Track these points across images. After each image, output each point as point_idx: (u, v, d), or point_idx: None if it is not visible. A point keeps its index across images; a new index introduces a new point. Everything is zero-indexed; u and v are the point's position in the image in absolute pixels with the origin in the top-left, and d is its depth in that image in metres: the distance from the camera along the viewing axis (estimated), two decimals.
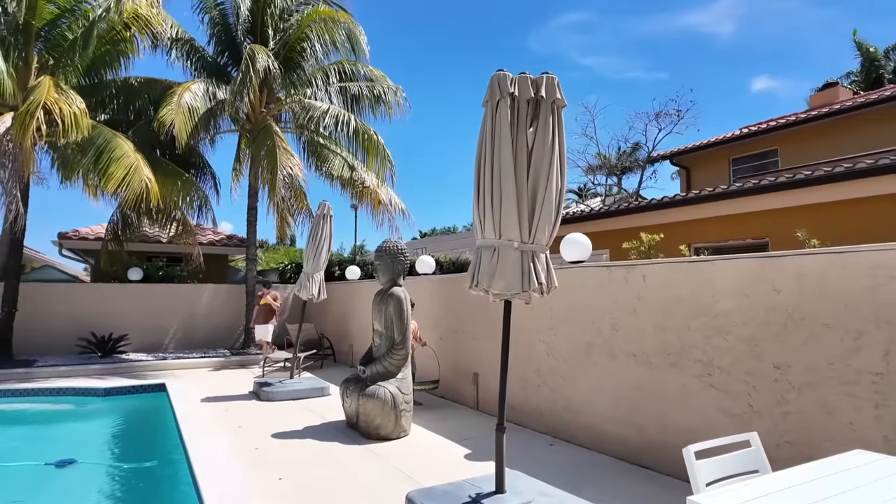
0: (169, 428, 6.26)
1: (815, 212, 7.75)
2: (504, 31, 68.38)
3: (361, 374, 5.84)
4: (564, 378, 5.36)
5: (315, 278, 7.89)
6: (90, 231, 13.93)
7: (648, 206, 9.82)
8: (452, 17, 71.92)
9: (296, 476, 4.39)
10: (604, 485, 4.20)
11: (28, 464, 5.23)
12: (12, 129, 7.96)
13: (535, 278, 3.30)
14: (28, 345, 10.34)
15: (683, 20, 44.10)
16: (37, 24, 9.28)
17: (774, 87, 46.12)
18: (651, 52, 48.91)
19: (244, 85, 9.90)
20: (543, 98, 3.40)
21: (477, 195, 3.47)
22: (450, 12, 70.57)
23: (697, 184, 15.87)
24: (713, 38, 44.81)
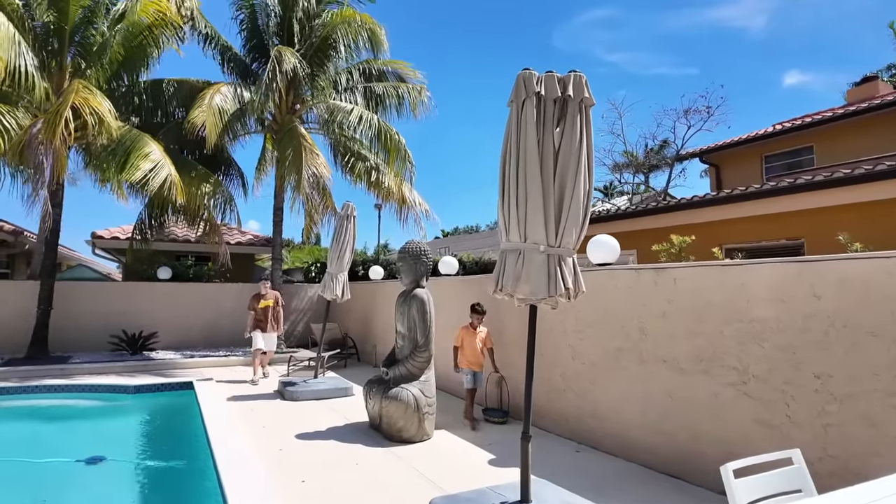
0: (196, 426, 6.33)
1: (854, 211, 7.43)
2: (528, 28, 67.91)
3: (384, 376, 5.81)
4: (591, 383, 5.23)
5: (339, 279, 7.92)
6: (122, 231, 14.27)
7: (678, 206, 9.56)
8: (476, 16, 71.73)
9: (318, 478, 4.38)
10: (632, 494, 4.08)
11: (59, 460, 5.35)
12: (41, 129, 8.16)
13: (562, 283, 3.20)
14: (63, 341, 10.64)
15: (712, 15, 43.09)
16: (68, 27, 9.51)
17: (807, 81, 44.73)
18: (679, 48, 47.95)
19: (270, 86, 9.98)
20: (571, 97, 3.30)
21: (502, 197, 3.40)
22: (473, 11, 70.40)
23: (728, 182, 15.43)
24: (743, 33, 43.66)
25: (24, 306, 10.36)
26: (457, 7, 72.37)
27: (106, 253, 15.30)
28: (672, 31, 45.11)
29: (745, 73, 45.11)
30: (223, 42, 12.21)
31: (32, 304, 10.08)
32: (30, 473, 5.03)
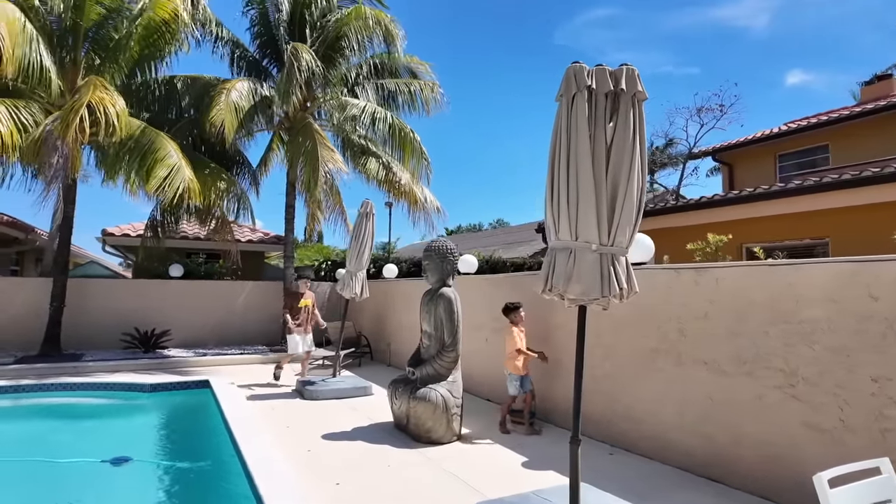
0: (217, 426, 6.26)
1: (883, 210, 7.32)
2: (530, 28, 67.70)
3: (410, 376, 5.72)
4: (625, 384, 5.14)
5: (358, 277, 7.83)
6: (132, 228, 14.20)
7: (698, 205, 9.46)
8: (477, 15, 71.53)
9: (352, 480, 4.29)
10: (673, 498, 3.99)
11: (84, 461, 5.26)
12: (56, 125, 8.08)
13: (616, 283, 3.11)
14: (75, 339, 10.57)
15: (714, 14, 42.95)
16: (84, 24, 9.42)
17: (809, 81, 44.60)
18: (680, 47, 47.81)
19: (290, 84, 9.86)
20: (623, 91, 3.19)
21: (550, 194, 3.29)
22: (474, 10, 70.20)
23: (740, 181, 15.32)
24: (745, 32, 43.53)
25: (36, 303, 10.29)
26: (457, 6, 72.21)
27: (116, 250, 15.24)
28: (673, 31, 45.04)
29: (747, 72, 45.08)
30: (233, 39, 12.12)
31: (44, 301, 10.01)
32: (55, 474, 4.95)
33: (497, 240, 26.59)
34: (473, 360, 7.33)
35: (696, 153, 18.04)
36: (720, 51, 46.66)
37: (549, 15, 63.12)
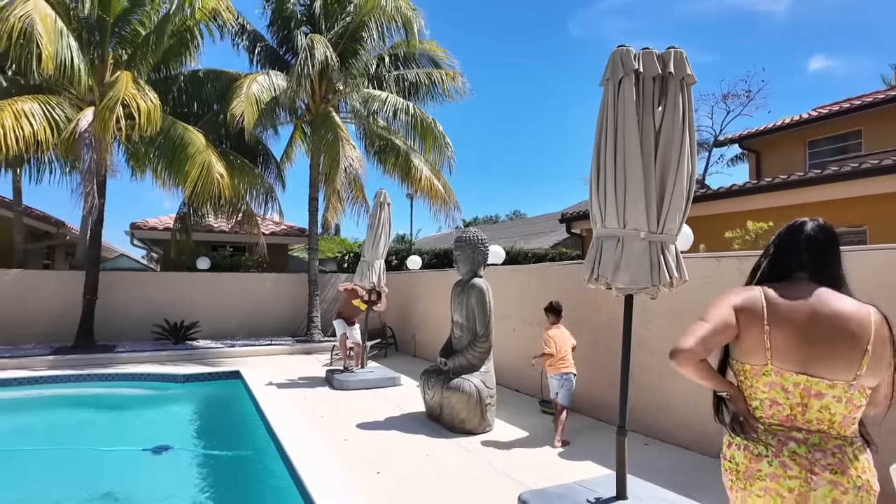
0: (250, 415, 6.35)
1: None
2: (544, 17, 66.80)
3: (443, 367, 5.72)
4: (661, 375, 5.08)
5: (375, 266, 7.82)
6: (159, 222, 14.42)
7: (730, 193, 9.27)
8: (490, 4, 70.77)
9: (393, 470, 4.31)
10: (719, 489, 3.92)
11: (125, 449, 5.38)
12: (93, 124, 8.21)
13: (667, 271, 3.05)
14: (107, 331, 10.80)
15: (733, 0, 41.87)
16: (111, 19, 9.52)
17: (833, 66, 43.33)
18: (698, 34, 46.78)
19: (302, 75, 9.89)
20: (672, 74, 3.12)
21: (596, 181, 3.24)
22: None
23: (768, 169, 14.97)
24: (766, 18, 42.40)
25: (70, 296, 10.52)
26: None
27: (143, 244, 15.50)
28: (690, 18, 44.06)
29: (768, 58, 43.94)
30: (254, 32, 12.15)
31: (77, 294, 10.22)
32: (98, 462, 5.07)
33: (516, 231, 26.44)
34: (501, 350, 7.30)
35: (723, 140, 17.66)
36: (740, 37, 45.61)
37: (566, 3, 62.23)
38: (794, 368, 1.68)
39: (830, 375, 1.64)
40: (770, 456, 1.68)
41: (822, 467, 1.62)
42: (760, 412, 1.76)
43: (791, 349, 1.68)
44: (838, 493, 1.58)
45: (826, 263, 1.79)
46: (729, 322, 1.75)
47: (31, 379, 7.91)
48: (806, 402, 1.67)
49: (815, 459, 1.63)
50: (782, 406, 1.70)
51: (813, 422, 1.67)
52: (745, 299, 1.77)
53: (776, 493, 1.64)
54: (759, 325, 1.71)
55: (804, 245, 1.82)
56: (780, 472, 1.65)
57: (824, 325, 1.65)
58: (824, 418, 1.66)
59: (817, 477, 1.61)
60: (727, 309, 1.77)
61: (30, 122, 8.07)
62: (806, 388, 1.67)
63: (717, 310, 1.78)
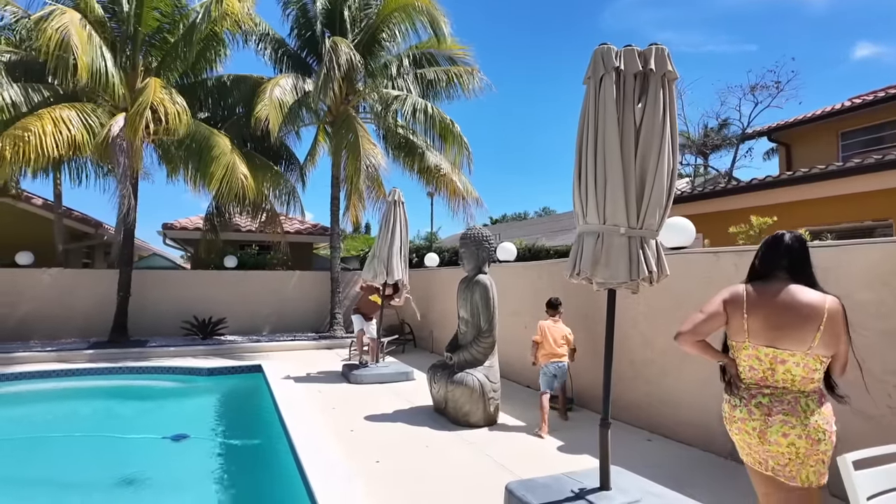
0: (268, 407, 6.61)
1: None
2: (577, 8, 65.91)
3: (448, 361, 5.84)
4: (664, 370, 5.07)
5: (394, 264, 7.92)
6: (189, 222, 15.00)
7: (749, 187, 9.08)
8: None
9: (392, 459, 4.47)
10: (713, 485, 3.93)
11: (147, 437, 5.70)
12: (125, 129, 8.65)
13: (645, 266, 3.09)
14: (140, 326, 11.32)
15: None
16: (143, 30, 9.97)
17: (880, 53, 41.31)
18: (733, 24, 45.35)
19: (328, 79, 10.11)
20: (653, 71, 3.15)
21: (578, 178, 3.30)
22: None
23: (799, 161, 14.50)
24: (803, 5, 40.75)
25: (105, 293, 11.09)
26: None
27: (175, 243, 16.13)
28: (725, 7, 42.69)
29: (808, 47, 42.21)
30: (276, 37, 12.46)
31: (112, 292, 10.77)
32: (122, 448, 5.40)
33: (542, 227, 26.28)
34: (511, 346, 7.38)
35: (750, 133, 17.16)
36: (777, 26, 43.96)
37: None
38: (764, 343, 2.28)
39: (791, 347, 2.22)
40: (741, 406, 2.34)
41: (776, 411, 2.23)
42: (744, 375, 2.37)
43: (762, 330, 2.28)
44: (787, 428, 2.19)
45: (799, 265, 2.34)
46: (718, 311, 2.40)
47: (67, 371, 8.42)
48: (774, 367, 2.27)
49: (773, 406, 2.24)
50: (757, 370, 2.32)
51: (779, 381, 2.26)
52: (731, 294, 2.40)
53: (744, 431, 2.31)
54: (740, 312, 2.34)
55: (783, 252, 2.37)
56: (746, 416, 2.31)
57: (786, 312, 2.24)
58: (787, 378, 2.25)
59: (772, 418, 2.22)
60: (718, 303, 2.41)
61: (68, 128, 8.56)
62: (773, 357, 2.26)
63: (710, 303, 2.43)
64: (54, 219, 12.69)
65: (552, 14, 73.87)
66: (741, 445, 2.38)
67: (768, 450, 2.23)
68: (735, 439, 2.41)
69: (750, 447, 2.31)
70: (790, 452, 2.18)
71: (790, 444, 2.17)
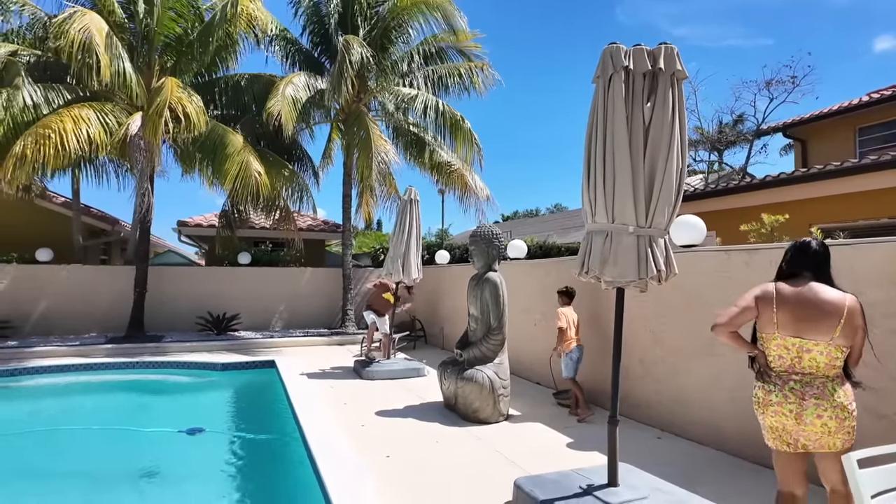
0: (281, 401, 6.72)
1: None
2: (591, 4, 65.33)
3: (458, 358, 5.89)
4: (674, 369, 5.07)
5: (410, 262, 8.00)
6: (204, 219, 15.20)
7: (762, 184, 8.99)
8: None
9: (402, 454, 4.53)
10: (722, 483, 3.94)
11: (163, 430, 5.83)
12: (144, 129, 8.80)
13: (654, 265, 3.11)
14: (155, 322, 11.52)
15: None
16: (159, 30, 10.11)
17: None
18: (750, 18, 44.65)
19: (341, 77, 10.16)
20: (662, 70, 3.16)
21: (587, 177, 3.32)
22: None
23: (815, 158, 14.30)
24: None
25: (122, 289, 11.30)
26: None
27: (190, 240, 16.36)
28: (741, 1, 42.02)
29: (828, 40, 41.42)
30: (287, 35, 12.51)
31: (129, 288, 10.97)
32: (140, 441, 5.53)
33: (553, 224, 26.18)
34: (521, 343, 7.41)
35: (765, 129, 16.94)
36: (795, 19, 43.22)
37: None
38: (791, 334, 2.57)
39: (815, 338, 2.52)
40: (776, 391, 2.61)
41: (809, 395, 2.51)
42: (773, 363, 2.66)
43: (789, 323, 2.58)
44: (820, 410, 2.48)
45: (822, 267, 2.66)
46: (750, 306, 2.67)
47: (86, 365, 8.62)
48: (800, 355, 2.56)
49: (805, 391, 2.53)
50: (785, 358, 2.61)
51: (806, 367, 2.56)
52: (762, 291, 2.68)
53: (781, 413, 2.57)
54: (770, 308, 2.63)
55: (811, 256, 2.69)
56: (782, 400, 2.58)
57: (811, 307, 2.54)
58: (813, 365, 2.54)
59: (806, 401, 2.51)
60: (750, 298, 2.68)
61: (87, 127, 8.72)
62: (800, 347, 2.56)
63: (743, 299, 2.69)
64: (73, 216, 12.94)
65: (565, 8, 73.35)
66: (774, 427, 2.62)
67: (803, 430, 2.52)
68: (768, 422, 2.64)
69: (784, 428, 2.58)
70: (823, 430, 2.47)
71: (823, 425, 2.47)
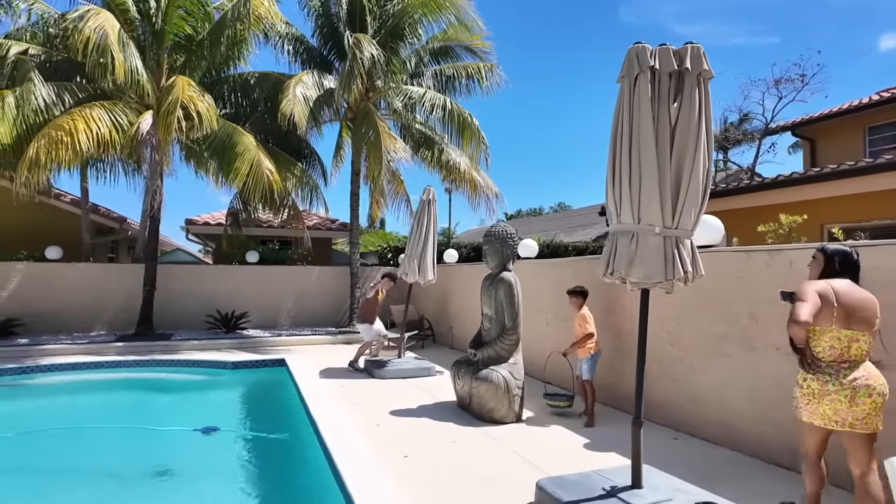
0: (292, 400, 6.72)
1: None
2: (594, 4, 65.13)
3: (472, 358, 5.88)
4: (691, 369, 5.06)
5: (426, 261, 7.97)
6: (211, 217, 15.22)
7: (774, 184, 8.95)
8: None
9: (420, 454, 4.52)
10: (740, 484, 3.92)
11: (178, 429, 5.84)
12: (155, 128, 8.81)
13: (681, 266, 3.09)
14: (164, 320, 11.54)
15: None
16: (169, 28, 10.10)
17: None
18: (756, 15, 44.43)
19: (351, 75, 10.14)
20: (688, 70, 3.14)
21: (612, 177, 3.30)
22: None
23: (824, 157, 14.25)
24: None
25: (131, 287, 11.33)
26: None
27: (197, 238, 16.39)
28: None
29: (832, 38, 41.18)
30: (296, 34, 12.51)
31: (137, 286, 10.99)
32: (156, 440, 5.53)
33: (558, 223, 26.18)
34: (534, 343, 7.39)
35: (774, 128, 16.88)
36: (801, 17, 43.02)
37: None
38: (843, 327, 2.87)
39: (862, 329, 2.87)
40: (832, 381, 2.86)
41: (859, 378, 2.83)
42: (823, 354, 2.92)
43: (843, 318, 2.87)
44: (870, 389, 2.82)
45: (857, 273, 3.05)
46: (817, 302, 2.85)
47: (97, 363, 8.65)
48: (849, 345, 2.88)
49: (855, 374, 2.84)
50: (836, 349, 2.89)
51: (853, 356, 2.88)
52: (821, 289, 2.91)
53: (837, 400, 2.84)
54: (830, 304, 2.87)
55: (853, 262, 3.06)
56: (839, 388, 2.83)
57: (860, 304, 2.89)
58: (858, 353, 2.88)
59: (857, 383, 2.82)
60: (814, 294, 2.87)
61: (98, 126, 8.72)
62: (850, 338, 2.87)
63: (808, 296, 2.86)
64: (82, 214, 12.96)
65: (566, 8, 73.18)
66: (827, 414, 2.87)
67: (855, 410, 2.81)
68: (823, 410, 2.89)
69: (836, 413, 2.84)
70: (871, 408, 2.81)
71: (872, 402, 2.81)
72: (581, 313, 5.68)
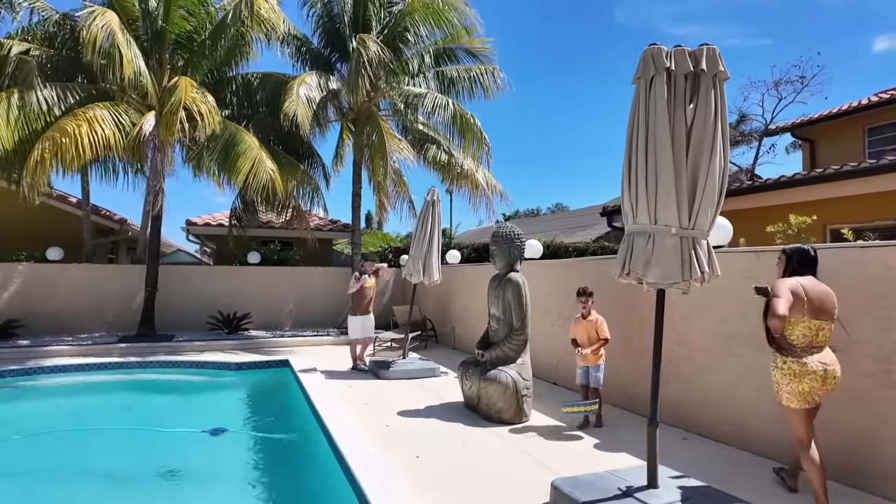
0: (298, 401, 6.72)
1: None
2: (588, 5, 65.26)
3: (480, 358, 5.88)
4: (700, 370, 5.07)
5: (432, 262, 7.97)
6: (212, 218, 15.17)
7: (778, 184, 8.97)
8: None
9: (431, 455, 4.52)
10: (750, 483, 3.93)
11: (186, 431, 5.82)
12: (158, 128, 8.77)
13: (698, 266, 3.10)
14: (166, 321, 11.49)
15: None
16: (171, 28, 10.08)
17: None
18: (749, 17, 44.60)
19: (357, 75, 10.13)
20: (704, 71, 3.16)
21: (628, 178, 3.31)
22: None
23: (823, 158, 14.30)
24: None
25: (132, 288, 11.30)
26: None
27: (198, 239, 16.33)
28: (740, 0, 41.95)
29: (828, 40, 41.39)
30: (298, 34, 12.49)
31: (139, 287, 10.96)
32: (164, 441, 5.51)
33: (557, 224, 26.21)
34: (540, 344, 7.40)
35: (773, 129, 16.94)
36: (795, 19, 43.22)
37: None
38: (813, 318, 3.27)
39: (827, 319, 3.30)
40: (811, 362, 3.23)
41: (829, 361, 3.27)
42: (797, 341, 3.29)
43: (812, 310, 3.26)
44: (838, 366, 3.30)
45: (815, 267, 3.46)
46: (790, 297, 3.22)
47: (102, 365, 8.60)
48: (817, 333, 3.29)
49: (825, 355, 3.29)
50: (808, 337, 3.28)
51: (820, 342, 3.30)
52: (793, 286, 3.28)
53: (815, 379, 3.22)
54: (801, 299, 3.24)
55: (811, 259, 3.47)
56: (816, 368, 3.22)
57: (824, 296, 3.31)
58: (823, 339, 3.32)
59: (829, 367, 3.25)
60: (787, 291, 3.24)
61: (101, 128, 8.68)
62: (818, 327, 3.28)
63: (783, 292, 3.22)
64: (83, 215, 12.90)
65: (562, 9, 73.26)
66: (805, 392, 3.23)
67: (825, 388, 3.25)
68: (803, 388, 3.23)
69: (813, 391, 3.23)
70: (835, 384, 3.29)
71: (837, 379, 3.28)
72: (598, 317, 5.43)
